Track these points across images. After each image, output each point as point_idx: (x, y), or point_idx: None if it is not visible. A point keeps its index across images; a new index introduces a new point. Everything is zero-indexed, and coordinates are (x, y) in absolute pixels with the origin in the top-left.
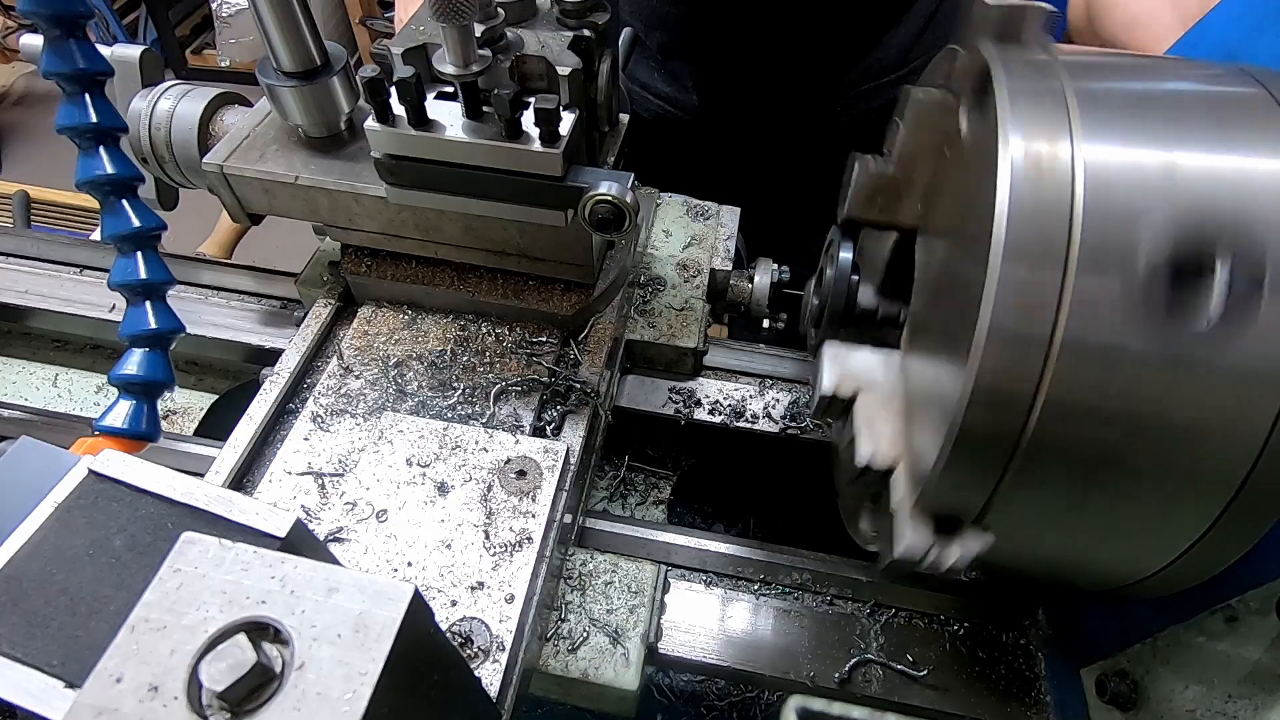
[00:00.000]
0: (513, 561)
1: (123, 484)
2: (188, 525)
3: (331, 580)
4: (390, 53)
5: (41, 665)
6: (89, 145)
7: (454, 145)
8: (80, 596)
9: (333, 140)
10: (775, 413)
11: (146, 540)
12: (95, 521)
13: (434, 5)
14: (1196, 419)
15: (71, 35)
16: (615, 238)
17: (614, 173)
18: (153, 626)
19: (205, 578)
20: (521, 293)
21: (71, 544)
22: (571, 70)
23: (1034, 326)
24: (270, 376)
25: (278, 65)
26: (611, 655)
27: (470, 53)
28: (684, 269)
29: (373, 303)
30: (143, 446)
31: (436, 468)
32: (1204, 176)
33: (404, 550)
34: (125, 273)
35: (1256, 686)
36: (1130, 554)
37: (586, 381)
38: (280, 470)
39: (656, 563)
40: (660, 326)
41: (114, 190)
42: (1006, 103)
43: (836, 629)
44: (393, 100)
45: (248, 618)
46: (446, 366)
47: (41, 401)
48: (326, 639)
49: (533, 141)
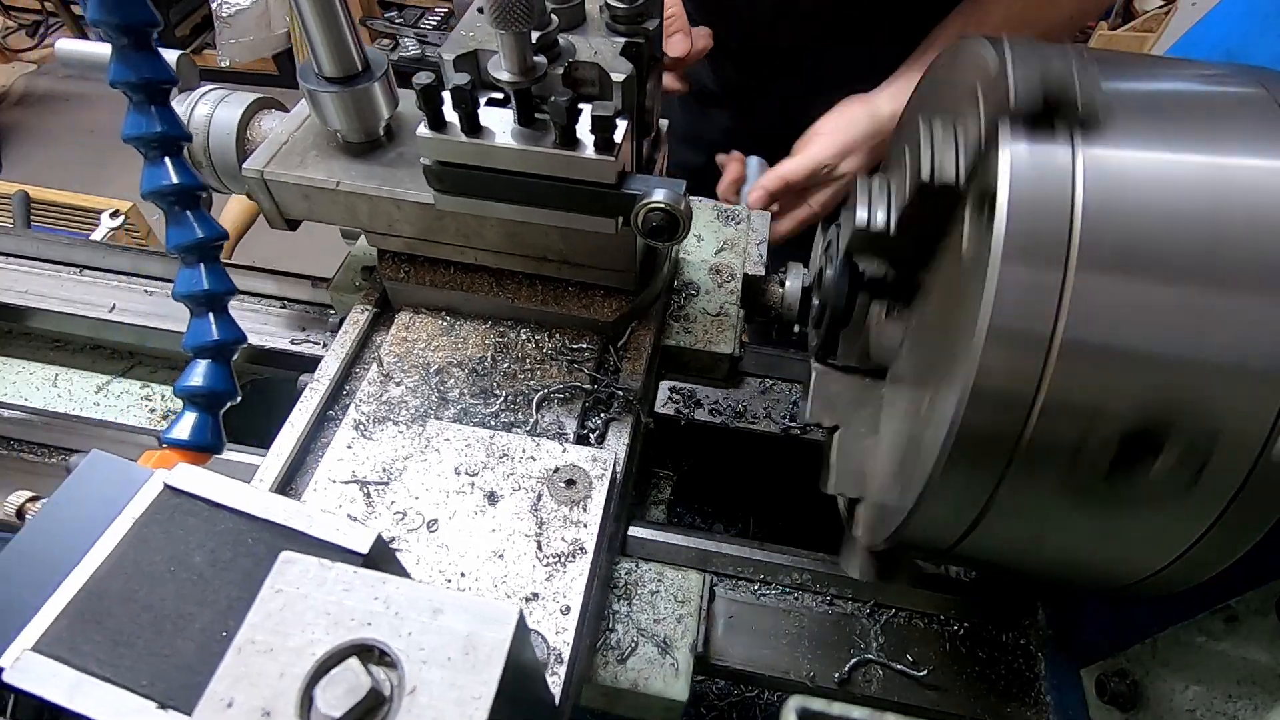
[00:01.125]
0: (566, 572)
1: (199, 498)
2: (267, 541)
3: (435, 601)
4: (442, 59)
5: (131, 685)
6: (155, 155)
7: (507, 152)
8: (164, 614)
9: (371, 145)
10: (775, 413)
11: (227, 556)
12: (174, 537)
13: (492, 12)
14: (1196, 419)
15: (139, 44)
16: (667, 245)
17: (666, 180)
18: (259, 649)
19: (307, 598)
20: (562, 299)
21: (151, 560)
22: (626, 77)
23: (1034, 326)
24: (310, 384)
25: (319, 70)
26: (660, 665)
27: (527, 60)
28: (717, 274)
29: (410, 309)
30: (207, 458)
31: (485, 476)
32: (1203, 177)
33: (456, 560)
34: (190, 284)
35: (1256, 686)
36: (1130, 554)
37: (629, 389)
38: (325, 478)
39: (702, 571)
40: (696, 332)
41: (178, 200)
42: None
43: (836, 629)
44: (445, 107)
45: (355, 640)
46: (487, 373)
47: (41, 401)
48: (436, 662)
49: (586, 149)
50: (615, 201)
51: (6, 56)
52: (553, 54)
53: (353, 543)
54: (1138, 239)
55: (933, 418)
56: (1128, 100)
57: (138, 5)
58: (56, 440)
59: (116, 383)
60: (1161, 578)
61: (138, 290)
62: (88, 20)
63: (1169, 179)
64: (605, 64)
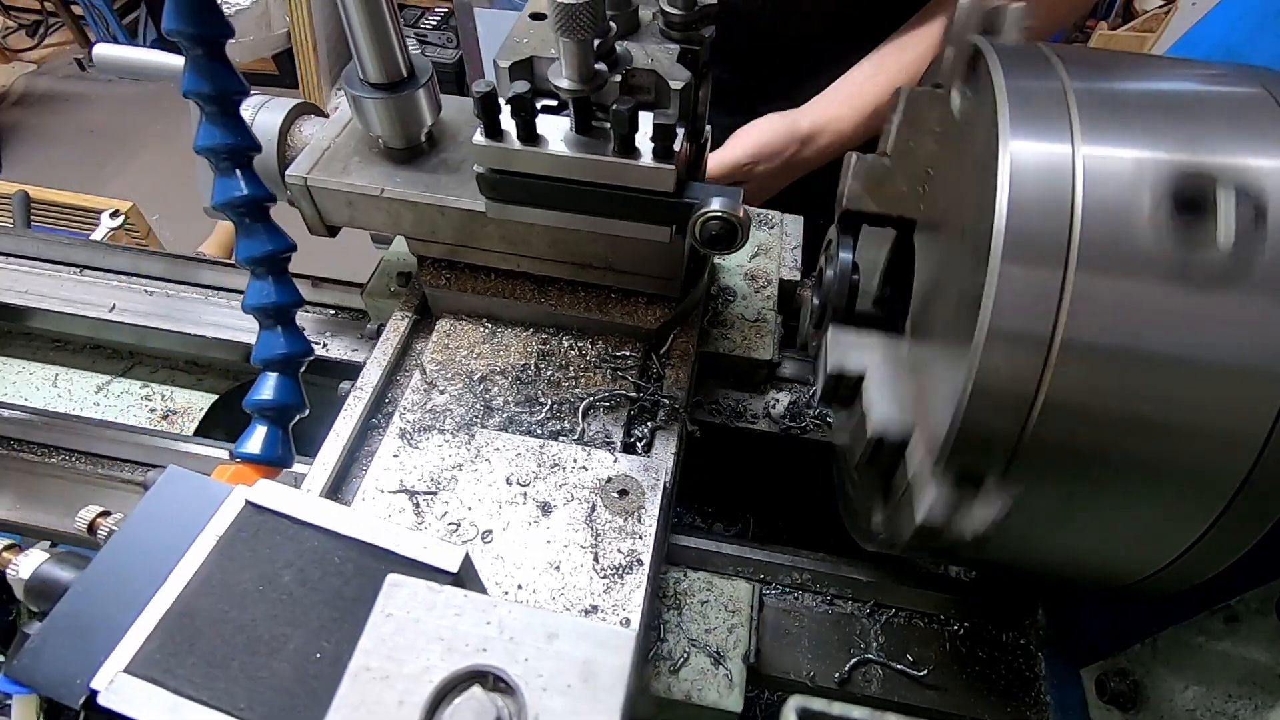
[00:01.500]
0: (624, 584)
1: (282, 515)
2: (354, 560)
3: (550, 625)
4: (496, 65)
5: (228, 709)
6: (226, 166)
7: (564, 160)
8: (257, 635)
9: (412, 152)
10: (775, 412)
11: (315, 575)
12: (260, 555)
13: (556, 19)
14: (1196, 419)
15: (213, 55)
16: (724, 254)
17: (722, 188)
18: (375, 675)
19: (419, 623)
20: (604, 305)
21: (239, 579)
22: (684, 84)
23: (1034, 326)
24: (353, 391)
25: (364, 76)
26: (714, 676)
27: (588, 67)
28: (753, 279)
29: (450, 315)
30: (278, 472)
31: (537, 487)
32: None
33: (513, 573)
34: (260, 296)
35: (1256, 686)
36: (1130, 554)
37: (675, 397)
38: (372, 488)
39: (751, 580)
40: (735, 338)
41: (249, 212)
42: (1006, 103)
43: (836, 629)
44: (501, 115)
45: (472, 666)
46: (531, 381)
47: (41, 401)
48: (556, 689)
49: (645, 157)
50: (673, 210)
51: (6, 56)
52: (610, 61)
53: (441, 561)
54: (1138, 239)
55: (935, 410)
56: (1127, 100)
57: (213, 16)
58: (56, 440)
59: (116, 383)
60: (1161, 578)
61: (138, 290)
62: (164, 29)
63: (1169, 178)
64: (663, 71)
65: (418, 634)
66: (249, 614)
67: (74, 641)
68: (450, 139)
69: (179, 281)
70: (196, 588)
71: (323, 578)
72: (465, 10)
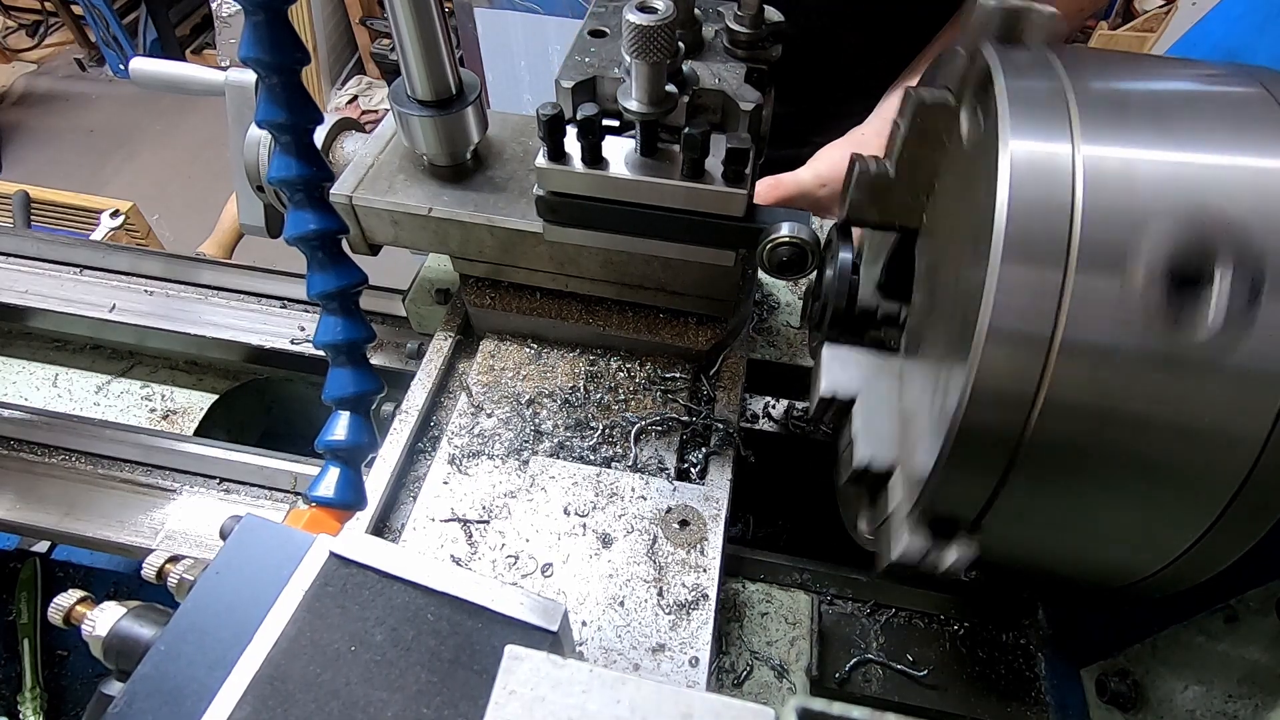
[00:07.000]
0: (690, 621)
1: (369, 568)
2: (449, 618)
3: (682, 703)
4: (559, 85)
5: None
6: (300, 199)
7: (631, 184)
8: (353, 700)
9: (458, 170)
10: (775, 412)
11: (409, 634)
12: (350, 613)
13: (631, 41)
14: (1197, 419)
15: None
16: (793, 279)
17: (791, 211)
18: None
19: (545, 701)
20: (654, 326)
21: (330, 638)
22: (754, 105)
23: (1034, 326)
24: (398, 414)
25: (413, 94)
26: (778, 690)
27: (660, 90)
28: (796, 287)
29: (494, 335)
30: (351, 515)
31: (596, 517)
32: (1203, 177)
33: (575, 608)
34: (331, 332)
35: (1256, 686)
36: (1130, 554)
37: (727, 420)
38: (423, 516)
39: (811, 592)
40: (780, 346)
41: (322, 245)
42: (1006, 103)
43: (836, 629)
44: (566, 138)
45: None
46: (580, 404)
47: (41, 401)
48: None
49: (715, 180)
50: (742, 235)
51: (6, 56)
52: (678, 81)
53: (541, 619)
54: (1138, 239)
55: (939, 405)
56: (1127, 100)
57: (290, 44)
58: (56, 440)
59: (116, 383)
60: (1161, 578)
61: (138, 290)
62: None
63: (1169, 178)
64: (731, 92)
65: (546, 715)
66: (342, 676)
67: (161, 706)
68: (495, 155)
69: (179, 281)
70: (285, 648)
71: (416, 637)
72: (465, 10)
